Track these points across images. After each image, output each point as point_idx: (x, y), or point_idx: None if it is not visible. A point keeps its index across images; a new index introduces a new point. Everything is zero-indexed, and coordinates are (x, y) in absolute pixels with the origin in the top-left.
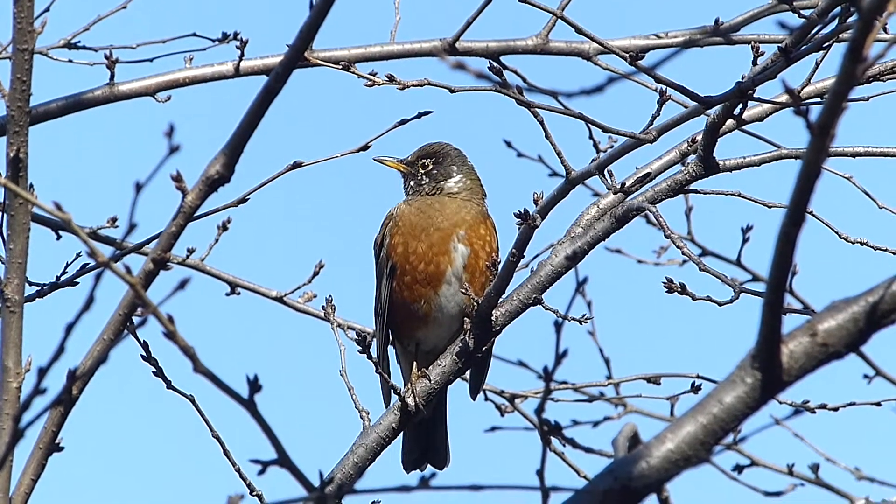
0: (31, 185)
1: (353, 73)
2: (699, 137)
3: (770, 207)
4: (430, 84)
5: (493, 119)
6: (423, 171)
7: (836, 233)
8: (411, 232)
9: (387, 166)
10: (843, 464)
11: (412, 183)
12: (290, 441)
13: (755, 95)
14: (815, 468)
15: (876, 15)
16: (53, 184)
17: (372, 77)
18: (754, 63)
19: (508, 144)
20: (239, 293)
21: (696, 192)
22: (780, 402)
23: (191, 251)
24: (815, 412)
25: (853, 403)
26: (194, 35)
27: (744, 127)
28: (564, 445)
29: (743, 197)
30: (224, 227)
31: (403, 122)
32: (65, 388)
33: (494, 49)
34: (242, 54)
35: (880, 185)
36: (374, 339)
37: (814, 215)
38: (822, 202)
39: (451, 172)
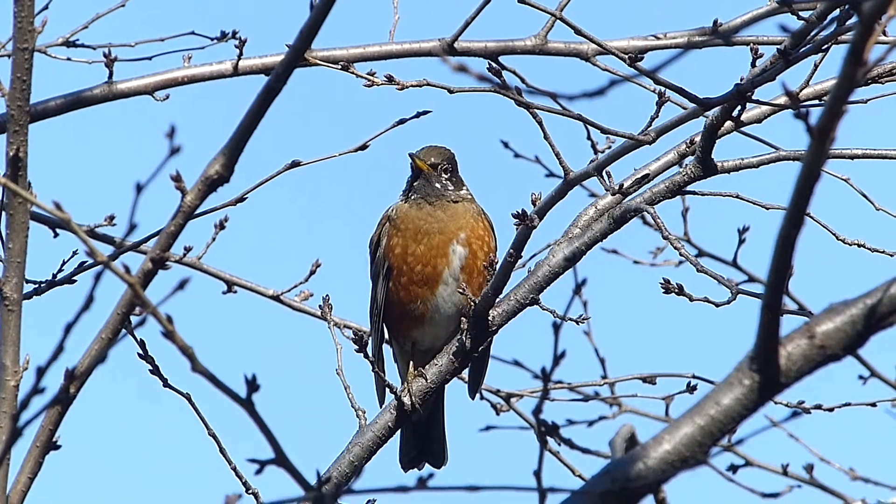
0: (30, 184)
1: (352, 73)
2: (697, 139)
3: (768, 209)
4: (429, 84)
5: (491, 119)
6: (445, 177)
7: (834, 234)
8: (413, 235)
9: (416, 164)
10: (837, 464)
11: (437, 185)
12: (286, 439)
13: (754, 97)
14: (809, 469)
15: (876, 18)
16: (51, 181)
17: (371, 77)
18: (753, 65)
19: (506, 145)
20: (235, 292)
21: (694, 193)
22: (776, 403)
23: (188, 249)
24: (810, 412)
25: (848, 404)
26: (193, 34)
27: (742, 128)
28: (560, 445)
29: (741, 198)
30: (221, 226)
31: (402, 121)
32: (63, 387)
33: (493, 49)
34: (241, 53)
35: (878, 187)
36: (371, 338)
37: (811, 217)
38: (820, 204)
39: (462, 179)
